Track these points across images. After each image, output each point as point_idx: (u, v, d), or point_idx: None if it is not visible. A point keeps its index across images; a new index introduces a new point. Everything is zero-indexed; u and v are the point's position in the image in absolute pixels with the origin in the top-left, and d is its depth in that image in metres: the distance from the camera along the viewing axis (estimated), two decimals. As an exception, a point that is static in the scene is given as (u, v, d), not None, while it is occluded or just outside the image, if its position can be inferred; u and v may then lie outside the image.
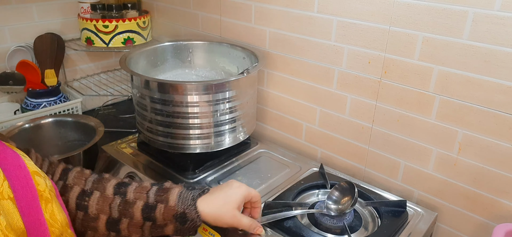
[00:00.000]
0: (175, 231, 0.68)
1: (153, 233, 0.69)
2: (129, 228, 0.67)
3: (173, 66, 1.19)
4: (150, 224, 0.67)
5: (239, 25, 1.15)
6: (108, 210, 0.67)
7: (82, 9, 1.35)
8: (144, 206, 0.67)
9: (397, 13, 0.84)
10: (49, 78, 1.28)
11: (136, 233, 0.68)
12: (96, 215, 0.66)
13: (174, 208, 0.67)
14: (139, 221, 0.67)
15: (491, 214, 0.83)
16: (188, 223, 0.67)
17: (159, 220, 0.67)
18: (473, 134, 0.81)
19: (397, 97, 0.89)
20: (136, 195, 0.68)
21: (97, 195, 0.67)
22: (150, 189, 0.69)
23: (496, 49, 0.73)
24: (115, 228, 0.67)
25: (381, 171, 0.98)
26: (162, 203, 0.67)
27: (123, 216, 0.67)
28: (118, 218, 0.67)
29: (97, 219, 0.67)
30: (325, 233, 0.79)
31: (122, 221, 0.67)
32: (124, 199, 0.67)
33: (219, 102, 0.93)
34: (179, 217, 0.67)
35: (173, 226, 0.68)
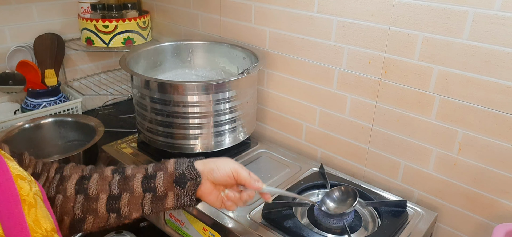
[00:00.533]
0: (175, 200, 0.69)
1: (154, 208, 0.69)
2: (129, 204, 0.68)
3: (173, 66, 1.19)
4: (150, 196, 0.68)
5: (239, 25, 1.15)
6: (108, 188, 0.67)
7: (82, 9, 1.35)
8: (144, 178, 0.68)
9: (397, 13, 0.84)
10: (49, 78, 1.28)
11: (136, 210, 0.68)
12: (96, 195, 0.67)
13: (173, 173, 0.68)
14: (139, 194, 0.68)
15: (491, 214, 0.83)
16: (188, 183, 0.68)
17: (159, 190, 0.68)
18: (473, 134, 0.81)
19: (397, 97, 0.89)
20: (135, 170, 0.70)
21: (96, 176, 0.68)
22: (148, 165, 0.71)
23: (496, 49, 0.73)
24: (114, 207, 0.67)
25: (381, 171, 0.98)
26: (161, 171, 0.69)
27: (123, 191, 0.67)
28: (118, 194, 0.67)
29: (97, 200, 0.67)
30: (325, 233, 0.79)
31: (122, 197, 0.67)
32: (124, 175, 0.69)
33: (219, 102, 0.93)
34: (179, 179, 0.68)
35: (173, 194, 0.68)
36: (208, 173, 0.69)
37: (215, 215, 0.82)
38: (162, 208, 0.69)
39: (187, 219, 0.86)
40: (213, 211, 0.83)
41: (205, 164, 0.70)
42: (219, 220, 0.81)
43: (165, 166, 0.70)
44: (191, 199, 0.70)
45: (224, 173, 0.69)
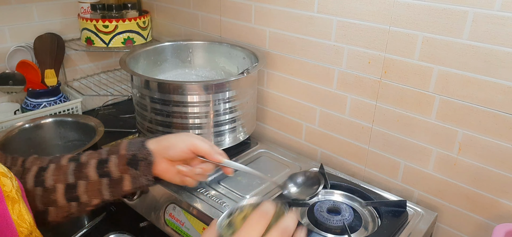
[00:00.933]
0: (132, 182, 0.68)
1: (113, 192, 0.68)
2: (87, 191, 0.66)
3: (173, 66, 1.19)
4: (106, 181, 0.67)
5: (239, 25, 1.15)
6: (64, 178, 0.66)
7: (82, 9, 1.35)
8: (98, 163, 0.67)
9: (397, 13, 0.84)
10: (49, 78, 1.28)
11: (95, 197, 0.67)
12: (53, 186, 0.66)
13: (125, 154, 0.67)
14: (95, 180, 0.66)
15: (491, 214, 0.83)
16: (141, 163, 0.67)
17: (114, 173, 0.67)
18: (473, 134, 0.81)
19: (397, 97, 0.89)
20: (89, 157, 0.68)
21: (53, 167, 0.67)
22: (102, 149, 0.69)
23: (496, 49, 0.73)
24: (73, 196, 0.66)
25: (381, 171, 0.98)
26: (113, 154, 0.68)
27: (79, 179, 0.66)
28: (74, 182, 0.66)
29: (55, 191, 0.66)
30: (325, 233, 0.79)
31: (79, 185, 0.66)
32: (78, 163, 0.67)
33: (219, 102, 0.93)
34: (131, 161, 0.67)
35: (129, 177, 0.67)
36: (163, 151, 0.68)
37: (215, 215, 0.82)
38: (121, 192, 0.68)
39: (187, 219, 0.87)
40: (213, 211, 0.83)
41: (159, 142, 0.69)
42: (219, 220, 0.81)
43: (117, 148, 0.68)
44: (148, 179, 0.68)
45: (180, 150, 0.68)
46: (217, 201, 0.87)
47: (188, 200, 0.86)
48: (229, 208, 0.55)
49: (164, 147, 0.68)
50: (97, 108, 1.49)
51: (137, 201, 0.97)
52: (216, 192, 0.90)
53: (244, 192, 0.90)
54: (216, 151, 0.70)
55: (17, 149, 1.08)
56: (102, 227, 1.03)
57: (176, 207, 0.88)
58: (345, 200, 0.91)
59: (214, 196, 0.88)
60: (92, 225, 1.02)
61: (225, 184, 0.93)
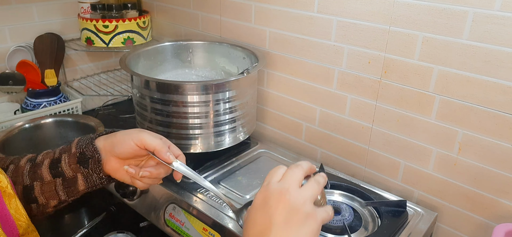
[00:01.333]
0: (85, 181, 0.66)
1: (68, 193, 0.66)
2: (43, 193, 0.65)
3: (173, 66, 1.19)
4: (60, 181, 0.65)
5: (239, 25, 1.15)
6: (21, 179, 0.64)
7: (82, 9, 1.35)
8: (51, 163, 0.65)
9: (397, 13, 0.84)
10: (49, 78, 1.28)
11: (52, 197, 0.66)
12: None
13: (75, 152, 0.65)
14: (49, 181, 0.65)
15: (491, 214, 0.83)
16: (90, 161, 0.65)
17: (68, 173, 0.65)
18: (473, 134, 0.81)
19: (397, 97, 0.89)
20: (44, 156, 0.66)
21: (12, 168, 0.66)
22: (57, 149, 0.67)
23: (496, 49, 0.73)
24: (31, 197, 0.65)
25: (381, 171, 0.98)
26: (65, 153, 0.65)
27: (34, 180, 0.64)
28: (30, 184, 0.64)
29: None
30: (325, 233, 0.79)
31: (35, 187, 0.64)
32: (34, 164, 0.66)
33: (219, 102, 0.93)
34: (80, 159, 0.64)
35: (81, 176, 0.65)
36: (110, 148, 0.65)
37: (215, 215, 0.82)
38: (76, 192, 0.66)
39: (187, 219, 0.87)
40: (213, 211, 0.84)
41: (107, 138, 0.66)
42: (219, 220, 0.81)
43: (69, 146, 0.66)
44: (100, 177, 0.66)
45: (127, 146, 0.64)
46: (217, 201, 0.87)
47: (188, 200, 0.86)
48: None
49: (111, 143, 0.65)
50: (97, 108, 1.49)
51: (137, 201, 0.97)
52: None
53: (244, 192, 0.90)
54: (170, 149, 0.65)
55: (17, 149, 1.08)
56: (102, 227, 1.03)
57: (176, 207, 0.88)
58: (345, 200, 0.91)
59: (214, 196, 0.88)
60: (92, 225, 1.02)
61: (225, 184, 0.93)
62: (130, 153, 0.64)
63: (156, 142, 0.64)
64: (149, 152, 0.64)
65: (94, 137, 0.67)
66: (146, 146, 0.64)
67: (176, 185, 0.92)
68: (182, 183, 0.92)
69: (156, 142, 0.64)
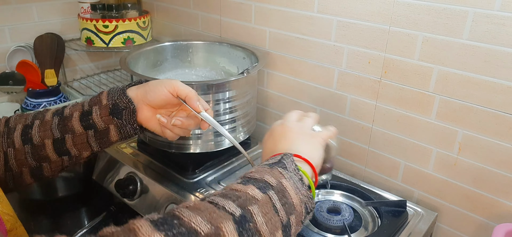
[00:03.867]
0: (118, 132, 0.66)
1: (101, 144, 0.67)
2: (75, 145, 0.65)
3: (173, 66, 1.19)
4: (92, 133, 0.65)
5: (239, 25, 1.15)
6: (50, 133, 0.65)
7: (82, 9, 1.35)
8: (81, 115, 0.65)
9: (397, 13, 0.84)
10: (49, 78, 1.28)
11: (84, 149, 0.66)
12: (41, 142, 0.65)
13: (107, 104, 0.65)
14: (81, 133, 0.65)
15: (491, 214, 0.83)
16: (124, 112, 0.65)
17: (99, 125, 0.65)
18: (473, 134, 0.81)
19: (397, 97, 0.89)
20: (72, 109, 0.67)
21: (37, 123, 0.66)
22: (85, 101, 0.68)
23: (496, 49, 0.73)
24: (63, 150, 0.65)
25: (381, 171, 0.98)
26: (96, 105, 0.66)
27: (65, 133, 0.65)
28: (61, 137, 0.65)
29: (44, 147, 0.65)
30: (325, 233, 0.79)
31: (66, 139, 0.65)
32: (62, 117, 0.66)
33: (219, 102, 0.93)
34: (114, 110, 0.65)
35: (114, 127, 0.66)
36: (142, 97, 0.66)
37: (215, 215, 0.82)
38: (109, 142, 0.67)
39: (187, 219, 0.86)
40: (213, 211, 0.83)
41: (139, 88, 0.67)
42: (219, 220, 0.81)
43: (99, 98, 0.66)
44: (134, 127, 0.66)
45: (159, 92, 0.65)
46: (217, 201, 0.86)
47: (188, 200, 0.86)
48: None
49: (144, 91, 0.66)
50: (97, 108, 1.49)
51: (137, 201, 0.97)
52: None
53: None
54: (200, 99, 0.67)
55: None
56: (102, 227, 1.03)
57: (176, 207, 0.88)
58: (345, 200, 0.91)
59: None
60: (92, 225, 1.02)
61: (225, 184, 0.93)
62: (162, 100, 0.65)
63: (188, 89, 0.66)
64: (180, 99, 0.66)
65: (125, 87, 0.67)
66: (178, 92, 0.65)
67: (176, 185, 0.92)
68: (182, 183, 0.92)
69: (188, 89, 0.66)
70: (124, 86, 0.68)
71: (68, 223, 1.10)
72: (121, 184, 0.96)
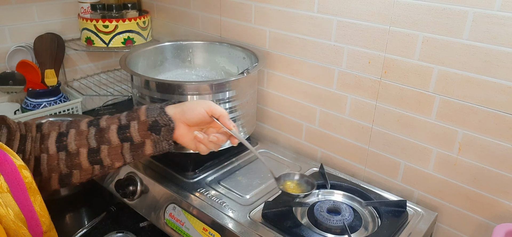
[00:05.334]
0: (153, 147, 0.71)
1: (134, 156, 0.71)
2: (110, 155, 0.70)
3: (173, 66, 1.19)
4: (128, 145, 0.70)
5: (239, 25, 1.15)
6: (86, 142, 0.69)
7: (82, 9, 1.35)
8: (118, 128, 0.70)
9: (397, 13, 0.84)
10: (49, 78, 1.28)
11: (117, 160, 0.71)
12: (76, 150, 0.69)
13: (146, 120, 0.70)
14: (117, 144, 0.70)
15: (491, 214, 0.83)
16: (163, 129, 0.70)
17: (136, 138, 0.70)
18: (473, 134, 0.81)
19: (397, 97, 0.89)
20: (109, 122, 0.71)
21: (73, 132, 0.70)
22: (121, 115, 0.72)
23: (496, 49, 0.73)
24: (96, 159, 0.70)
25: (381, 171, 0.98)
26: (134, 120, 0.70)
27: (101, 143, 0.69)
28: (97, 147, 0.69)
29: (78, 155, 0.69)
30: (325, 233, 0.79)
31: (102, 149, 0.69)
32: (99, 128, 0.70)
33: (219, 102, 0.93)
34: (152, 126, 0.70)
35: (150, 141, 0.70)
36: (180, 115, 0.71)
37: (215, 215, 0.82)
38: (142, 155, 0.71)
39: (187, 219, 0.87)
40: (213, 211, 0.84)
41: (177, 107, 0.72)
42: (219, 220, 0.81)
43: (137, 114, 0.71)
44: (169, 143, 0.72)
45: (196, 111, 0.71)
46: (217, 201, 0.87)
47: (188, 200, 0.87)
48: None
49: (182, 111, 0.71)
50: (97, 108, 1.49)
51: (137, 201, 0.97)
52: (216, 192, 0.90)
53: (244, 192, 0.90)
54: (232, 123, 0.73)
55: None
56: (102, 227, 1.04)
57: (176, 207, 0.88)
58: (345, 200, 0.91)
59: (214, 196, 0.88)
60: (92, 225, 1.02)
61: (225, 184, 0.93)
62: (199, 119, 0.71)
63: (221, 109, 0.72)
64: (214, 118, 0.72)
65: (163, 106, 0.72)
66: (213, 112, 0.72)
67: (176, 185, 0.92)
68: (182, 183, 0.93)
69: (221, 109, 0.72)
70: (161, 104, 0.73)
71: (68, 223, 1.10)
72: (121, 184, 0.96)
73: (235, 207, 0.85)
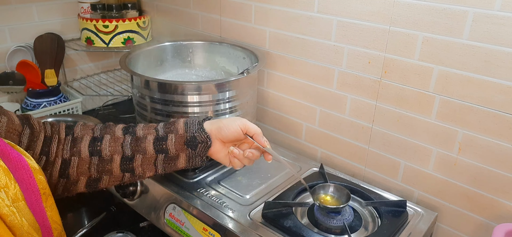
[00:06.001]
0: (187, 161, 0.71)
1: (166, 167, 0.72)
2: (142, 165, 0.70)
3: (173, 66, 1.19)
4: (162, 157, 0.70)
5: (239, 25, 1.15)
6: (121, 150, 0.70)
7: (82, 9, 1.35)
8: (155, 139, 0.70)
9: (397, 13, 0.84)
10: (49, 78, 1.28)
11: (149, 170, 0.71)
12: (110, 156, 0.69)
13: (184, 135, 0.70)
14: (152, 155, 0.70)
15: (491, 214, 0.83)
16: (199, 146, 0.71)
17: (171, 151, 0.70)
18: (473, 134, 0.81)
19: (397, 97, 0.89)
20: (146, 132, 0.71)
21: (108, 138, 0.70)
22: (157, 125, 0.72)
23: (496, 49, 0.73)
24: (129, 167, 0.70)
25: (381, 171, 0.98)
26: (171, 133, 0.71)
27: (136, 152, 0.70)
28: (131, 155, 0.70)
29: (111, 161, 0.69)
30: (325, 233, 0.79)
31: (136, 158, 0.70)
32: (135, 137, 0.71)
33: (219, 102, 0.93)
34: (190, 141, 0.70)
35: (185, 155, 0.71)
36: (216, 132, 0.72)
37: (215, 215, 0.82)
38: (174, 167, 0.72)
39: (187, 219, 0.87)
40: (213, 211, 0.83)
41: (213, 123, 0.73)
42: (219, 220, 0.81)
43: (175, 127, 0.72)
44: (202, 159, 0.72)
45: (232, 129, 0.71)
46: (217, 201, 0.87)
47: (188, 200, 0.87)
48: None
49: (218, 128, 0.72)
50: (97, 108, 1.49)
51: (137, 201, 0.97)
52: (216, 192, 0.90)
53: (244, 192, 0.90)
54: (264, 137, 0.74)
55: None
56: (102, 227, 1.03)
57: (176, 207, 0.88)
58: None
59: (214, 196, 0.88)
60: (92, 225, 1.02)
61: (225, 184, 0.93)
62: (234, 136, 0.72)
63: (255, 127, 0.73)
64: (248, 136, 0.73)
65: (201, 122, 0.73)
66: (248, 130, 0.72)
67: (176, 185, 0.92)
68: (182, 183, 0.93)
69: (256, 127, 0.73)
70: (200, 120, 0.73)
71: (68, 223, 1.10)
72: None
73: (235, 207, 0.85)
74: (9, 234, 0.49)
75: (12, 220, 0.49)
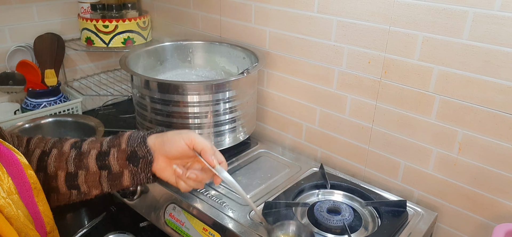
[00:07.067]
0: (131, 178, 0.66)
1: (112, 186, 0.67)
2: (87, 182, 0.66)
3: (173, 66, 1.19)
4: (106, 173, 0.65)
5: (239, 25, 1.15)
6: (65, 165, 0.65)
7: (82, 9, 1.35)
8: (98, 154, 0.65)
9: (397, 13, 0.84)
10: (49, 78, 1.28)
11: (95, 187, 0.66)
12: (55, 173, 0.65)
13: (125, 149, 0.65)
14: (95, 171, 0.65)
15: (491, 214, 0.83)
16: (141, 161, 0.65)
17: (114, 167, 0.65)
18: (473, 134, 0.81)
19: (397, 97, 0.89)
20: (90, 146, 0.67)
21: (55, 153, 0.66)
22: (104, 139, 0.68)
23: (496, 49, 0.73)
24: (73, 184, 0.65)
25: (381, 171, 0.98)
26: (114, 147, 0.66)
27: (79, 168, 0.65)
28: (74, 171, 0.65)
29: (56, 178, 0.65)
30: (325, 233, 0.79)
31: (79, 175, 0.65)
32: (79, 152, 0.66)
33: (219, 102, 0.93)
34: (131, 157, 0.64)
35: (128, 172, 0.65)
36: (159, 147, 0.65)
37: (215, 215, 0.82)
38: (120, 185, 0.67)
39: (187, 219, 0.87)
40: (213, 211, 0.83)
41: (158, 137, 0.66)
42: (219, 220, 0.81)
43: (119, 141, 0.67)
44: (147, 176, 0.66)
45: (176, 143, 0.64)
46: (217, 201, 0.87)
47: (188, 200, 0.86)
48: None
49: (162, 141, 0.65)
50: (97, 108, 1.49)
51: (137, 201, 0.97)
52: (216, 192, 0.90)
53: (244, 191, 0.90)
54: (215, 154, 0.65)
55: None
56: (102, 227, 1.03)
57: (176, 207, 0.88)
58: (345, 200, 0.91)
59: (214, 196, 0.88)
60: (92, 225, 1.02)
61: (225, 184, 0.93)
62: (179, 152, 0.65)
63: (204, 143, 0.64)
64: (196, 153, 0.65)
65: (145, 135, 0.67)
66: (195, 145, 0.64)
67: (176, 185, 0.92)
68: (182, 183, 0.92)
69: (205, 143, 0.64)
70: (145, 133, 0.67)
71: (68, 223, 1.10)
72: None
73: (235, 207, 0.85)
74: (7, 224, 0.49)
75: (9, 211, 0.49)
